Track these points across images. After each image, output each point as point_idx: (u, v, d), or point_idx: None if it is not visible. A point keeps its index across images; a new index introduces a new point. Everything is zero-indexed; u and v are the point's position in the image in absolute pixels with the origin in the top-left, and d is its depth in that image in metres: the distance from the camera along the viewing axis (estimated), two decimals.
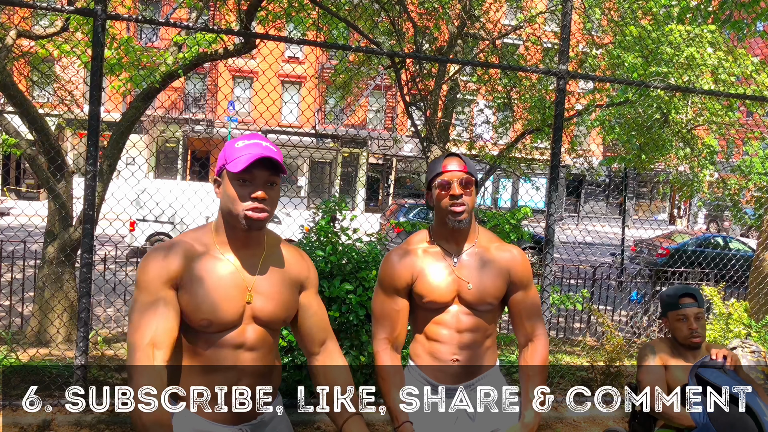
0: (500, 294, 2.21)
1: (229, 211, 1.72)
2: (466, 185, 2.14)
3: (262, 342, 1.79)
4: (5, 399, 4.24)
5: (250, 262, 1.79)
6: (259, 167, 1.69)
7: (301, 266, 1.90)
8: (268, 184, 1.72)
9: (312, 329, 1.92)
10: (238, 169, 1.67)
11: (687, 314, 2.83)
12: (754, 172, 8.67)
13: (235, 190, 1.70)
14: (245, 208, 1.70)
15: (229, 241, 1.78)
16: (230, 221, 1.75)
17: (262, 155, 1.67)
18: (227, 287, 1.73)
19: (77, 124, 8.05)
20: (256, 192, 1.70)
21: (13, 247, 7.06)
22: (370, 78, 12.58)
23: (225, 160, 1.73)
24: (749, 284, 6.83)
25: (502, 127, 12.12)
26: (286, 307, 1.83)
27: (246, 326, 1.76)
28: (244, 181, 1.70)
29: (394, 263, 2.22)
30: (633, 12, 7.98)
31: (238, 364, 1.74)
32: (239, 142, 1.74)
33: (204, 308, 1.69)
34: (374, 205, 28.02)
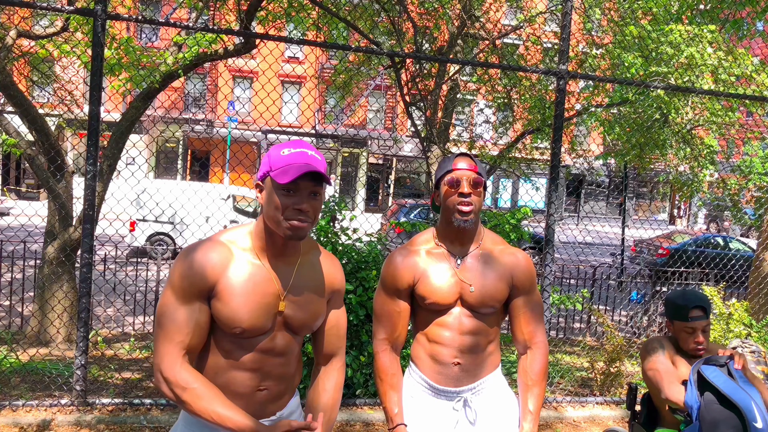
0: (502, 297, 2.19)
1: (272, 218, 1.71)
2: (475, 185, 2.13)
3: (290, 348, 1.82)
4: (5, 399, 4.24)
5: (285, 270, 1.79)
6: (304, 178, 1.67)
7: (333, 276, 1.91)
8: (311, 194, 1.70)
9: (326, 342, 1.94)
10: (285, 181, 1.65)
11: (695, 327, 2.81)
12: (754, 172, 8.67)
13: (279, 200, 1.68)
14: (288, 218, 1.68)
15: (267, 247, 1.78)
16: (272, 227, 1.73)
17: (309, 169, 1.65)
18: (262, 295, 1.73)
19: (77, 124, 8.06)
20: (301, 204, 1.68)
21: (13, 247, 7.06)
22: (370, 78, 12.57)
23: (270, 168, 1.71)
24: (749, 284, 6.83)
25: (502, 127, 12.12)
26: (316, 316, 1.85)
27: (277, 333, 1.78)
28: (289, 191, 1.68)
29: (397, 264, 2.21)
30: (633, 12, 7.99)
31: (264, 368, 1.77)
32: (285, 149, 1.72)
33: (238, 317, 1.70)
34: (374, 205, 28.02)
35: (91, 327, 4.85)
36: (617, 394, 5.27)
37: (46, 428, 3.96)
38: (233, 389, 1.75)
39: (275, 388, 1.81)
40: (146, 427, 4.07)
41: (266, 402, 1.80)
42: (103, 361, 5.42)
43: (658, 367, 2.81)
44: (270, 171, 1.71)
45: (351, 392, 4.64)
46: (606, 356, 5.31)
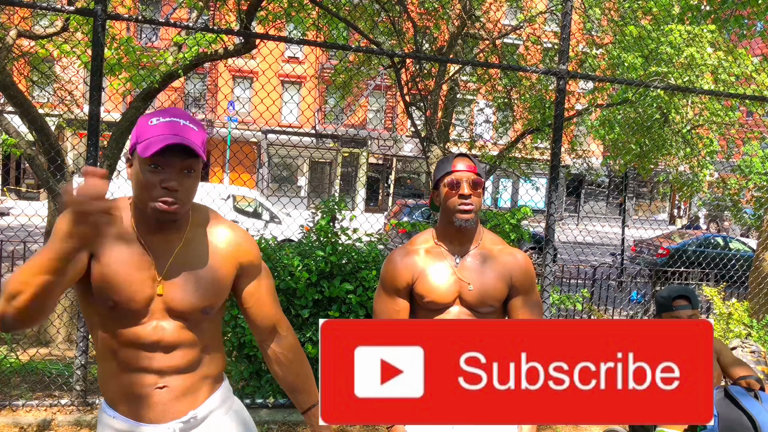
0: (501, 296, 2.19)
1: (139, 198, 1.52)
2: (474, 186, 2.13)
3: (180, 337, 1.59)
4: (5, 399, 4.24)
5: (163, 249, 1.58)
6: (173, 152, 1.46)
7: (237, 247, 1.67)
8: (183, 171, 1.50)
9: (258, 317, 1.74)
10: (148, 153, 1.43)
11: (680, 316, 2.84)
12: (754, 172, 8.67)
13: (144, 177, 1.48)
14: (154, 198, 1.48)
15: (142, 223, 1.57)
16: (140, 207, 1.55)
17: (177, 141, 1.44)
18: (135, 270, 1.53)
19: (77, 124, 8.05)
20: (169, 182, 1.47)
21: (13, 247, 7.06)
22: (370, 78, 12.57)
23: (136, 139, 1.50)
24: (749, 284, 6.83)
25: (502, 127, 12.13)
26: (203, 298, 1.60)
27: (159, 322, 1.57)
28: (156, 167, 1.47)
29: (396, 263, 2.21)
30: (633, 12, 7.99)
31: (154, 364, 1.57)
32: (153, 118, 1.50)
33: (111, 286, 1.51)
34: (374, 205, 28.02)
35: None
36: None
37: (46, 428, 3.96)
38: (131, 392, 1.58)
39: (178, 383, 1.60)
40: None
41: (171, 401, 1.59)
42: None
43: None
44: (136, 142, 1.50)
45: None
46: None
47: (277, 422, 4.28)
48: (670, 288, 2.96)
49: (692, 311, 2.85)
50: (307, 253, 4.48)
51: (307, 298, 4.34)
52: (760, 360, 3.80)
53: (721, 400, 2.60)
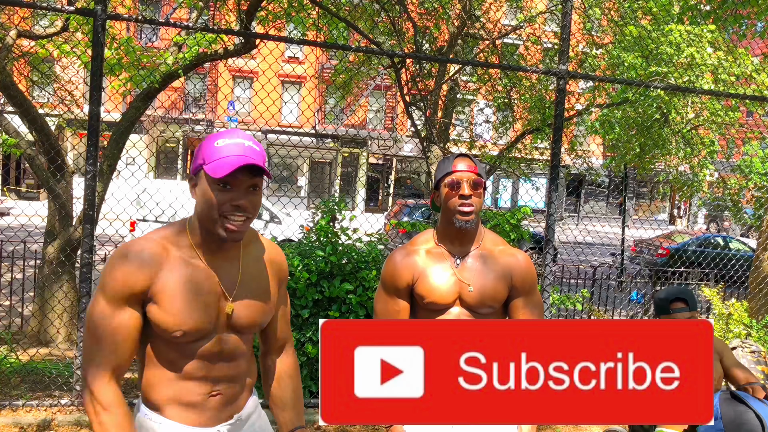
0: (501, 297, 2.18)
1: (207, 216, 1.57)
2: (475, 186, 2.12)
3: (238, 350, 1.69)
4: (5, 399, 4.24)
5: (228, 267, 1.66)
6: (242, 171, 1.53)
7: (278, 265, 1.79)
8: (250, 188, 1.57)
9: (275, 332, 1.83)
10: (220, 175, 1.51)
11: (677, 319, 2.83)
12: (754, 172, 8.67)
13: (214, 196, 1.54)
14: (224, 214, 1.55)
15: (204, 244, 1.63)
16: (207, 226, 1.59)
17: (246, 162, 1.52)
18: (203, 295, 1.60)
19: (77, 124, 8.05)
20: (239, 200, 1.55)
21: (13, 247, 7.06)
22: (370, 78, 12.57)
23: (203, 160, 1.56)
24: (749, 284, 6.83)
25: (502, 127, 12.12)
26: (265, 312, 1.72)
27: (221, 335, 1.65)
28: (225, 186, 1.54)
29: (396, 263, 2.21)
30: (633, 12, 7.99)
31: (211, 374, 1.65)
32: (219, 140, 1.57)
33: (177, 320, 1.57)
34: (374, 205, 28.03)
35: None
36: None
37: (46, 428, 3.96)
38: (184, 400, 1.64)
39: (228, 391, 1.69)
40: None
41: (221, 407, 1.68)
42: None
43: None
44: (203, 164, 1.55)
45: None
46: None
47: None
48: (667, 290, 2.94)
49: (690, 314, 2.84)
50: (307, 253, 4.48)
51: (307, 298, 4.34)
52: (760, 360, 3.80)
53: (727, 400, 2.60)
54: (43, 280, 5.63)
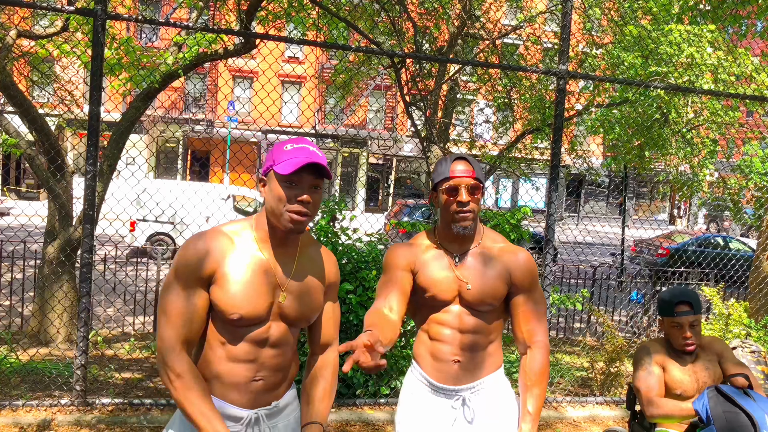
0: (500, 295, 2.18)
1: (274, 210, 1.78)
2: (473, 191, 2.11)
3: (285, 339, 1.86)
4: (5, 399, 4.24)
5: (285, 261, 1.85)
6: (306, 171, 1.75)
7: (329, 269, 1.96)
8: (312, 187, 1.78)
9: (322, 332, 1.98)
10: (287, 171, 1.72)
11: (682, 323, 2.82)
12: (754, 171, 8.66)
13: (283, 191, 1.75)
14: (290, 209, 1.75)
15: (267, 239, 1.84)
16: (273, 220, 1.80)
17: (311, 160, 1.72)
18: (260, 284, 1.79)
19: (77, 124, 8.05)
20: (302, 195, 1.75)
21: (13, 247, 7.06)
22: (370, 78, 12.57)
23: (273, 161, 1.78)
24: (749, 284, 6.83)
25: (502, 127, 12.12)
26: (312, 308, 1.89)
27: (272, 323, 1.82)
28: (292, 183, 1.75)
29: (398, 250, 2.24)
30: (633, 12, 7.99)
31: (259, 359, 1.81)
32: (288, 145, 1.79)
33: (236, 303, 1.75)
34: (374, 205, 28.03)
35: (91, 327, 4.84)
36: (617, 394, 5.27)
37: (46, 428, 3.96)
38: (229, 380, 1.80)
39: (271, 378, 1.84)
40: (146, 427, 4.08)
41: (262, 392, 1.83)
42: (103, 361, 5.42)
43: (639, 386, 2.87)
44: (273, 165, 1.77)
45: (351, 392, 4.64)
46: (606, 356, 5.31)
47: None
48: (672, 291, 2.90)
49: (694, 317, 2.83)
50: None
51: None
52: (760, 360, 3.80)
53: (714, 398, 2.60)
54: (43, 280, 5.63)
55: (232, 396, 1.80)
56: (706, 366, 2.88)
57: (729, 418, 2.50)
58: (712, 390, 2.65)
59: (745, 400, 2.54)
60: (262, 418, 1.84)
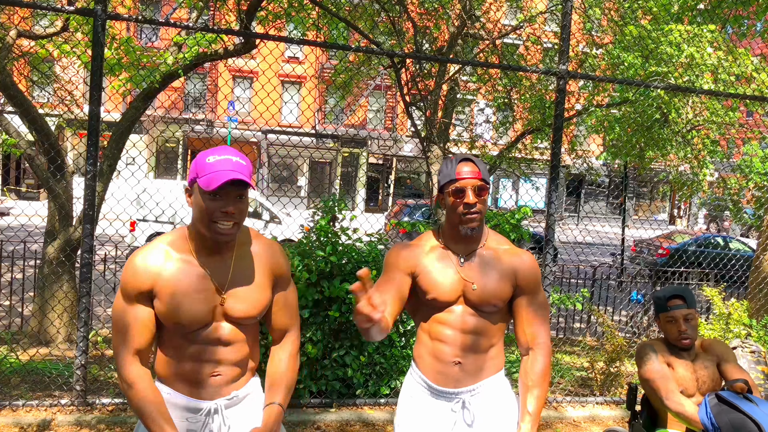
0: (505, 296, 2.18)
1: (201, 222, 1.83)
2: (479, 192, 2.11)
3: (237, 336, 1.93)
4: (5, 399, 4.24)
5: (221, 265, 1.91)
6: (229, 184, 1.78)
7: (274, 262, 1.99)
8: (237, 197, 1.82)
9: (276, 321, 2.03)
10: (210, 188, 1.76)
11: (675, 316, 2.84)
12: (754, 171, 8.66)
13: (206, 205, 1.80)
14: (215, 220, 1.80)
15: (201, 248, 1.90)
16: (202, 230, 1.85)
17: (232, 177, 1.76)
18: (198, 291, 1.86)
19: (77, 124, 8.05)
20: (227, 207, 1.80)
21: (13, 247, 7.06)
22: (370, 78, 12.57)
23: (197, 174, 1.82)
24: (749, 284, 6.82)
25: (502, 127, 12.12)
26: (257, 305, 1.94)
27: (219, 324, 1.89)
28: (216, 196, 1.79)
29: (398, 251, 2.23)
30: (633, 12, 7.98)
31: (213, 357, 1.90)
32: (210, 156, 1.82)
33: (175, 314, 1.84)
34: (374, 205, 28.03)
35: (91, 327, 4.84)
36: (617, 394, 5.27)
37: (46, 428, 3.96)
38: (189, 377, 1.91)
39: (229, 372, 1.93)
40: None
41: (221, 385, 1.93)
42: (103, 361, 5.41)
43: (654, 377, 2.84)
44: (197, 177, 1.82)
45: (351, 392, 4.64)
46: (606, 356, 5.31)
47: None
48: (665, 289, 2.94)
49: (687, 310, 2.84)
50: (307, 253, 4.48)
51: (307, 298, 4.34)
52: (760, 360, 3.80)
53: (717, 406, 2.59)
54: (43, 280, 5.63)
55: (191, 390, 1.91)
56: (705, 366, 2.88)
57: (736, 426, 2.49)
58: (713, 398, 2.64)
59: (748, 406, 2.54)
60: (220, 408, 1.93)
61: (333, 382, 4.54)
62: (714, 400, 2.63)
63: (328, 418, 4.40)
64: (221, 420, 1.94)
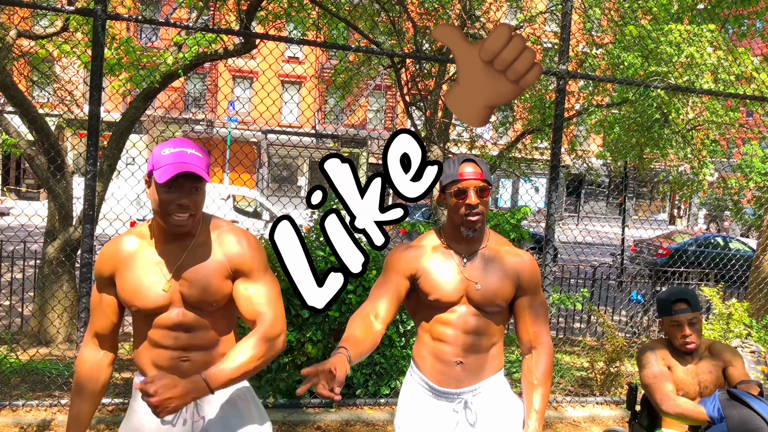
0: (509, 296, 2.19)
1: (158, 213, 1.87)
2: (481, 193, 2.11)
3: (198, 322, 1.94)
4: (5, 399, 4.24)
5: (176, 252, 1.94)
6: (183, 177, 1.80)
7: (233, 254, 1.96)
8: (192, 189, 1.84)
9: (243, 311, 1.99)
10: (163, 180, 1.78)
11: (680, 321, 2.81)
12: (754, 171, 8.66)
13: (160, 197, 1.83)
14: (170, 213, 1.83)
15: (160, 234, 1.95)
16: (159, 221, 1.90)
17: (185, 170, 1.77)
18: (150, 275, 1.91)
19: (77, 124, 8.05)
20: (182, 200, 1.82)
21: (13, 247, 7.05)
22: (370, 78, 12.57)
23: (153, 166, 1.83)
24: (749, 284, 6.82)
25: (502, 127, 12.12)
26: (210, 292, 1.93)
27: (177, 309, 1.92)
28: (171, 188, 1.81)
29: (401, 252, 2.22)
30: (633, 12, 7.98)
31: (177, 342, 1.93)
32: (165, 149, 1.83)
33: (130, 297, 1.91)
34: None
35: None
36: (617, 394, 5.27)
37: (46, 428, 3.96)
38: (159, 364, 1.94)
39: (199, 358, 1.94)
40: None
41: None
42: None
43: (650, 381, 2.83)
44: (153, 170, 1.84)
45: (351, 392, 4.64)
46: (606, 356, 5.31)
47: (277, 422, 4.28)
48: (670, 291, 2.91)
49: (692, 314, 2.82)
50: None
51: None
52: (760, 360, 3.80)
53: (726, 401, 2.59)
54: (43, 280, 5.63)
55: None
56: (710, 370, 2.86)
57: (744, 419, 2.49)
58: (723, 393, 2.64)
59: (758, 403, 2.54)
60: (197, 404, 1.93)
61: None
62: (724, 395, 2.63)
63: (328, 418, 4.40)
64: (194, 409, 1.94)
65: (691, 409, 2.69)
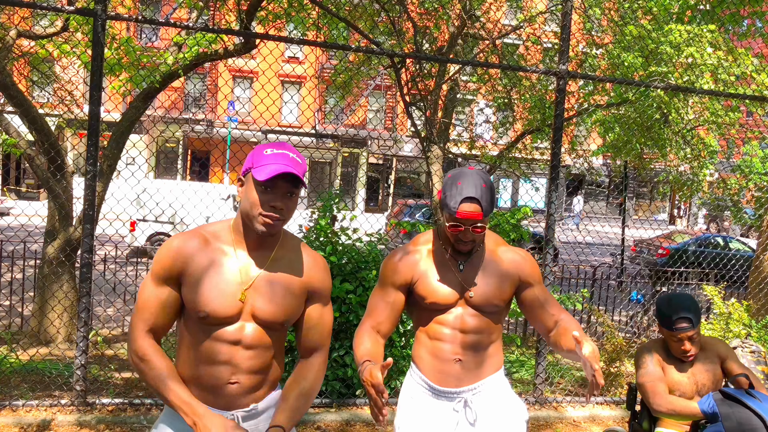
0: (507, 296, 2.20)
1: (248, 213, 1.81)
2: (477, 228, 2.08)
3: (260, 341, 1.83)
4: (5, 399, 4.24)
5: (257, 261, 1.86)
6: (282, 179, 1.77)
7: (312, 275, 1.92)
8: (287, 194, 1.80)
9: (305, 337, 1.95)
10: (262, 178, 1.74)
11: (681, 338, 2.82)
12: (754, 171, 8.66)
13: (257, 195, 1.78)
14: (263, 214, 1.78)
15: (241, 240, 1.87)
16: (246, 222, 1.83)
17: (286, 171, 1.74)
18: (227, 282, 1.81)
19: (77, 124, 8.05)
20: (276, 202, 1.78)
21: (13, 247, 7.05)
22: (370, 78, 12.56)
23: (252, 164, 1.81)
24: (749, 284, 6.83)
25: (502, 127, 12.12)
26: (285, 311, 1.86)
27: (244, 323, 1.82)
28: (267, 189, 1.77)
29: (396, 260, 2.21)
30: (633, 12, 7.98)
31: (233, 360, 1.81)
32: (268, 149, 1.81)
33: (202, 301, 1.78)
34: (374, 205, 28.02)
35: (91, 327, 4.84)
36: (617, 394, 5.27)
37: (46, 428, 3.96)
38: (205, 382, 1.82)
39: (247, 381, 1.83)
40: (146, 427, 4.07)
41: (238, 395, 1.83)
42: (103, 361, 5.41)
43: (644, 381, 2.85)
44: (252, 167, 1.80)
45: (351, 392, 4.64)
46: (606, 356, 5.31)
47: None
48: (671, 302, 2.85)
49: (693, 331, 2.80)
50: None
51: None
52: (760, 360, 3.80)
53: (722, 401, 2.60)
54: (43, 280, 5.63)
55: (208, 398, 1.81)
56: (706, 368, 2.87)
57: (740, 418, 2.49)
58: (717, 394, 2.65)
59: (752, 401, 2.54)
60: (237, 420, 1.83)
61: (333, 382, 4.54)
62: (719, 395, 2.63)
63: (328, 418, 4.40)
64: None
65: (683, 405, 2.71)
